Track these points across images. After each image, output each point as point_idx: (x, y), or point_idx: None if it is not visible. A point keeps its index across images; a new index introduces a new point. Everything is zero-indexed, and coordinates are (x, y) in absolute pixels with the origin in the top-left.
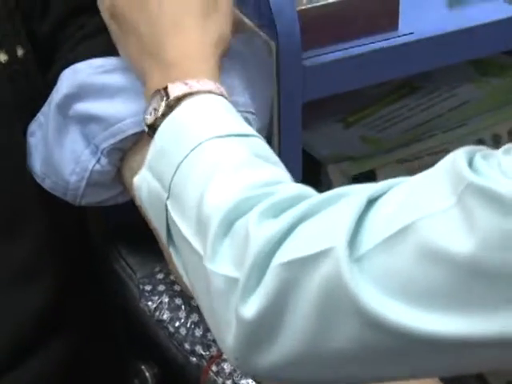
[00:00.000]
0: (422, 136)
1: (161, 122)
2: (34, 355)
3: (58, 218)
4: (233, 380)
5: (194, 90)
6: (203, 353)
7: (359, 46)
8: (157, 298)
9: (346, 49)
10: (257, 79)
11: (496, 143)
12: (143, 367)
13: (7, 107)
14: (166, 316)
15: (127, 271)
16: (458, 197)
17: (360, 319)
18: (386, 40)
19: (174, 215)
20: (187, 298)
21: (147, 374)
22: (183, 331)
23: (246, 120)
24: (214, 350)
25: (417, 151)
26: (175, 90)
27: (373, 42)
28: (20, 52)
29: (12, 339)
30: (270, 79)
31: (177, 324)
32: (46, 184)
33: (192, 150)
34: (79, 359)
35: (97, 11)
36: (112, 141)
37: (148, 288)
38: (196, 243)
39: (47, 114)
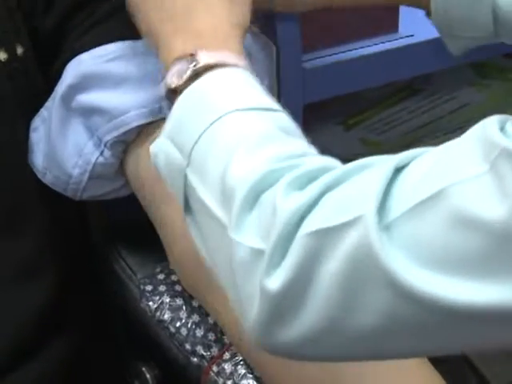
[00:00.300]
0: (422, 138)
1: (183, 88)
2: (36, 355)
3: (59, 215)
4: (233, 380)
5: (223, 61)
6: (204, 353)
7: (359, 48)
8: (158, 298)
9: (347, 51)
10: (263, 74)
11: None
12: (144, 369)
13: (7, 105)
14: (166, 316)
15: (127, 272)
16: (491, 163)
17: (391, 290)
18: (386, 42)
19: (195, 184)
20: (188, 298)
21: (148, 375)
22: (184, 331)
23: None
24: (214, 351)
25: None
26: (205, 58)
27: (373, 45)
28: (20, 50)
29: (13, 338)
30: (273, 75)
31: (178, 324)
32: (47, 179)
33: (215, 121)
34: (80, 359)
35: None
36: (115, 133)
37: (149, 288)
38: (219, 213)
39: (51, 108)
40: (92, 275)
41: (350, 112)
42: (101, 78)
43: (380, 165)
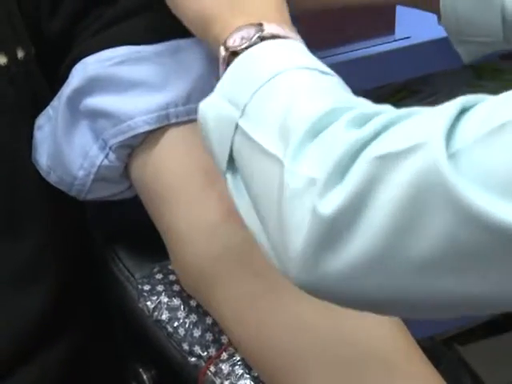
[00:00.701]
0: None
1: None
2: (35, 357)
3: (59, 217)
4: (231, 381)
5: (285, 34)
6: (201, 353)
7: (356, 50)
8: (155, 298)
9: (344, 53)
10: None
11: None
12: (141, 369)
13: (9, 108)
14: (164, 316)
15: (125, 273)
16: None
17: (456, 215)
18: (382, 44)
19: (248, 128)
20: (186, 298)
21: (145, 376)
22: (182, 331)
23: None
24: (212, 351)
25: None
26: (271, 28)
27: (370, 46)
28: (20, 54)
29: (13, 341)
30: None
31: (175, 324)
32: (51, 178)
33: (276, 75)
34: (80, 360)
35: (112, 2)
36: (121, 138)
37: (147, 288)
38: (273, 147)
39: (57, 107)
40: (91, 276)
41: None
42: (107, 82)
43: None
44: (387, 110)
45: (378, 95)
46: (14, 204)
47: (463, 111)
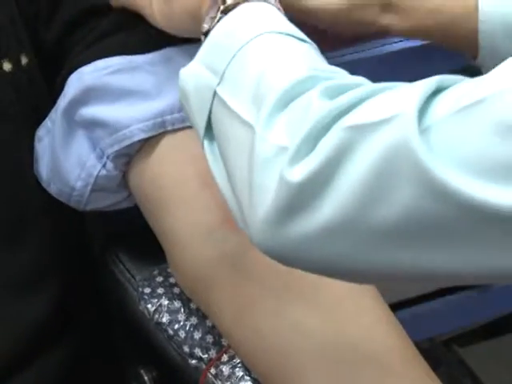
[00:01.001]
0: None
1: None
2: (34, 362)
3: (59, 225)
4: (231, 383)
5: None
6: (202, 355)
7: (363, 50)
8: (156, 300)
9: (345, 55)
10: None
11: None
12: (142, 371)
13: (13, 116)
14: (165, 319)
15: (126, 275)
16: None
17: (425, 189)
18: (384, 46)
19: (225, 95)
20: (186, 300)
21: (146, 377)
22: (182, 334)
23: None
24: (212, 353)
25: None
26: None
27: (378, 47)
28: (24, 60)
29: (12, 347)
30: None
31: (176, 327)
32: (52, 189)
33: (252, 39)
34: (80, 363)
35: (105, 13)
36: (117, 147)
37: (147, 291)
38: (247, 114)
39: (54, 119)
40: (93, 282)
41: None
42: (103, 91)
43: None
44: (363, 83)
45: None
46: (15, 213)
47: (439, 89)
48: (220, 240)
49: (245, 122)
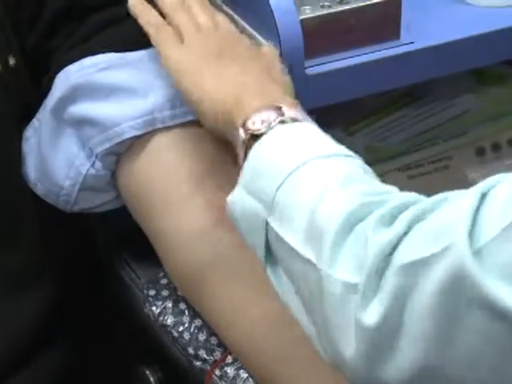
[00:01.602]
0: (423, 144)
1: (263, 135)
2: (33, 362)
3: (59, 225)
4: None
5: (299, 117)
6: (207, 357)
7: (361, 55)
8: (161, 303)
9: (348, 58)
10: None
11: (496, 152)
12: (147, 372)
13: (4, 116)
14: (169, 321)
15: (131, 276)
16: None
17: (488, 311)
18: (387, 49)
19: (277, 228)
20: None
21: (151, 378)
22: (187, 336)
23: None
24: (217, 355)
25: (418, 159)
26: (290, 112)
27: (374, 51)
28: (12, 61)
29: (9, 349)
30: None
31: (181, 329)
32: (39, 190)
33: (299, 167)
34: (83, 363)
35: (89, 12)
36: (107, 145)
37: (152, 293)
38: (306, 252)
39: (41, 119)
40: (95, 282)
41: (352, 118)
42: (91, 89)
43: (460, 196)
44: (414, 200)
45: (381, 101)
46: (8, 213)
47: (483, 196)
48: (213, 241)
49: (305, 259)
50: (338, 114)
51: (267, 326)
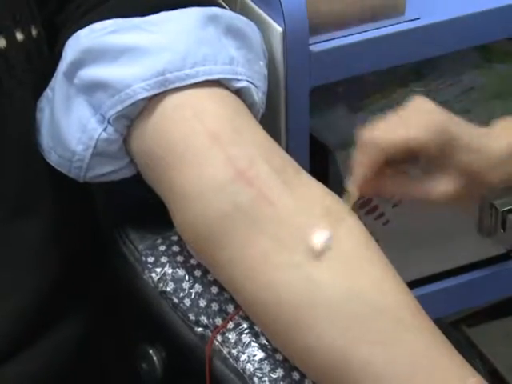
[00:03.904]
0: None
1: None
2: (39, 341)
3: (72, 200)
4: (238, 349)
5: None
6: (208, 323)
7: (366, 31)
8: (160, 269)
9: (353, 34)
10: (259, 54)
11: None
12: (151, 351)
13: (25, 86)
14: (169, 287)
15: (129, 246)
16: None
17: None
18: (392, 25)
19: None
20: (190, 268)
21: (155, 357)
22: (187, 302)
23: (249, 90)
24: (218, 320)
25: None
26: None
27: (379, 28)
28: (34, 31)
29: (14, 325)
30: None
31: (181, 295)
32: (52, 158)
33: None
34: (88, 341)
35: None
36: (119, 107)
37: (151, 260)
38: None
39: (54, 87)
40: (96, 255)
41: (356, 95)
42: (102, 52)
43: None
44: None
45: (386, 78)
46: (23, 184)
47: None
48: (233, 194)
49: None
50: (342, 90)
51: (285, 277)
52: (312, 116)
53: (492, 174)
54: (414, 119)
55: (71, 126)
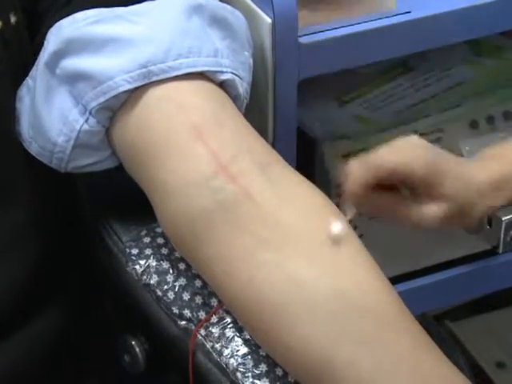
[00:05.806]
0: (416, 116)
1: None
2: (15, 333)
3: (50, 189)
4: (221, 344)
5: None
6: (191, 316)
7: (356, 24)
8: (144, 261)
9: (343, 27)
10: (245, 44)
11: (490, 124)
12: (134, 343)
13: (3, 75)
14: (153, 280)
15: (113, 237)
16: None
17: None
18: (382, 19)
19: None
20: (175, 261)
21: (138, 349)
22: (171, 295)
23: (233, 82)
24: (202, 314)
25: (411, 131)
26: None
27: (370, 21)
28: (13, 19)
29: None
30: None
31: (165, 288)
32: (33, 148)
33: None
34: (72, 333)
35: None
36: (102, 99)
37: (135, 252)
38: None
39: (35, 76)
40: (81, 247)
41: (345, 88)
42: (84, 42)
43: None
44: None
45: (375, 71)
46: (2, 176)
47: None
48: (215, 189)
49: None
50: (331, 83)
51: (268, 274)
52: (300, 108)
53: (476, 207)
54: (404, 149)
55: (53, 117)
